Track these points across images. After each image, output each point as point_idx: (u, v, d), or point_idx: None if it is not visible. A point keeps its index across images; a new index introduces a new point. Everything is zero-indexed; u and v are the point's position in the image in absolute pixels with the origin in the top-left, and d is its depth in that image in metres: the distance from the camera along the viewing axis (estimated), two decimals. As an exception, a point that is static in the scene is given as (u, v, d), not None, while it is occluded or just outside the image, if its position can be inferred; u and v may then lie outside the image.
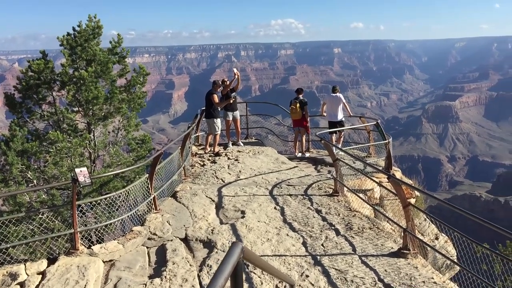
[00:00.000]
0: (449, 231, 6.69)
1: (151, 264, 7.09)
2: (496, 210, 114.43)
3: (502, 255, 6.25)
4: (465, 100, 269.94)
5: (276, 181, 11.19)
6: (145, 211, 8.87)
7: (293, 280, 6.07)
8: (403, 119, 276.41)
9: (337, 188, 10.06)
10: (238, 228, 8.11)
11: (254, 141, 16.55)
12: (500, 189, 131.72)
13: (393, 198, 10.03)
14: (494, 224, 5.42)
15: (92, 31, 11.21)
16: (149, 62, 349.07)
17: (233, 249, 2.39)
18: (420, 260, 6.94)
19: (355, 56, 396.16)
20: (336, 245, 7.35)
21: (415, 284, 6.08)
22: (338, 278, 6.27)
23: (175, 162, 10.60)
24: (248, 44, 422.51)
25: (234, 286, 2.50)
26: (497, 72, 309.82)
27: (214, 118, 13.70)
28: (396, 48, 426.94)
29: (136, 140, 12.23)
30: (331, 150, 10.40)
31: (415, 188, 8.27)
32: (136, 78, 11.91)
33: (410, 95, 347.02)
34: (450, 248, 10.40)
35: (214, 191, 10.32)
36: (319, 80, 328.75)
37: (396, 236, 7.96)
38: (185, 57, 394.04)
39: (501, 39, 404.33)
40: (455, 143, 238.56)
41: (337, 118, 14.29)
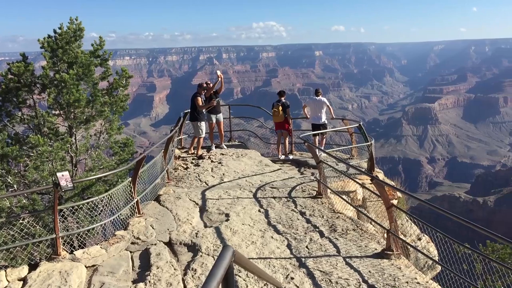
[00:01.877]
0: (431, 231, 6.79)
1: (134, 269, 7.02)
2: (475, 210, 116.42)
3: (483, 255, 6.37)
4: (444, 102, 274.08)
5: (260, 183, 11.21)
6: (128, 215, 8.79)
7: (280, 283, 6.08)
8: (384, 121, 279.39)
9: (320, 190, 10.12)
10: (223, 231, 8.09)
11: (237, 143, 16.55)
12: (479, 190, 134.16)
13: (375, 200, 10.13)
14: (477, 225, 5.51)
15: (73, 33, 11.07)
16: (130, 64, 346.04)
17: (225, 253, 2.39)
18: (403, 260, 7.02)
19: (336, 58, 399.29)
20: (321, 247, 7.39)
21: (399, 285, 6.15)
22: (323, 280, 6.30)
23: (158, 165, 10.53)
24: (230, 47, 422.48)
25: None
26: (475, 74, 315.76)
27: (198, 121, 13.66)
28: (376, 51, 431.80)
29: (118, 144, 12.10)
30: (315, 152, 10.46)
31: (398, 189, 8.37)
32: (119, 80, 11.79)
33: (390, 98, 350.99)
34: (432, 248, 10.54)
35: (198, 194, 10.28)
36: (301, 82, 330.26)
37: (379, 237, 8.04)
38: (167, 59, 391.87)
39: (479, 42, 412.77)
40: (435, 145, 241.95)
41: (320, 120, 14.38)
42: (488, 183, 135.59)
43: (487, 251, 14.55)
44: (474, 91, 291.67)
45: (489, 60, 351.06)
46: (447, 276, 6.36)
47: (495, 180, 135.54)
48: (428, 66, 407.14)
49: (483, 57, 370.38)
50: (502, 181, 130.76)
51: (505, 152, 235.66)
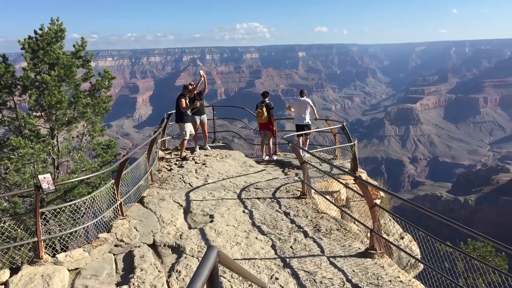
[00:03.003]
0: (413, 230, 6.87)
1: (118, 271, 6.97)
2: (456, 209, 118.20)
3: (465, 253, 6.47)
4: (426, 102, 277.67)
5: (244, 184, 11.22)
6: (111, 218, 8.71)
7: (265, 283, 6.10)
8: (367, 121, 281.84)
9: (304, 191, 10.17)
10: (207, 232, 8.08)
11: (221, 144, 16.53)
12: (460, 189, 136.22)
13: (359, 200, 10.22)
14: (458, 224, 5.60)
15: (54, 34, 10.94)
16: (113, 65, 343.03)
17: (209, 253, 2.39)
18: (387, 259, 7.09)
19: (320, 59, 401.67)
20: (305, 247, 7.43)
21: (382, 284, 6.21)
22: (307, 280, 6.34)
23: (142, 167, 10.46)
24: (214, 48, 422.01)
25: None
26: (455, 75, 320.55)
27: (182, 123, 13.58)
28: (359, 52, 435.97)
29: (101, 146, 11.99)
30: (299, 153, 10.50)
31: (381, 189, 8.45)
32: (101, 82, 11.69)
33: (373, 98, 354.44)
34: (415, 247, 10.66)
35: (182, 196, 10.25)
36: (284, 83, 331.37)
37: (363, 236, 8.11)
38: (150, 60, 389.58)
39: (459, 44, 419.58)
40: (417, 145, 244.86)
41: (304, 121, 14.44)
42: (469, 182, 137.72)
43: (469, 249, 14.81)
44: (454, 91, 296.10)
45: (469, 61, 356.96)
46: (430, 274, 6.45)
47: (475, 179, 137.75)
48: (410, 67, 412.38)
49: (463, 58, 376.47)
50: (482, 180, 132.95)
51: (485, 152, 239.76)
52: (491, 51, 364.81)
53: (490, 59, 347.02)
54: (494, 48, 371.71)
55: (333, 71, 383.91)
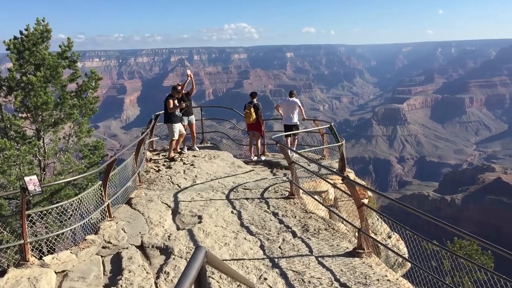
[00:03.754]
0: (401, 229, 6.94)
1: (106, 273, 6.92)
2: (443, 208, 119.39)
3: (451, 251, 6.54)
4: (413, 102, 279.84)
5: (233, 185, 11.21)
6: (98, 219, 8.66)
7: (253, 283, 6.11)
8: (354, 121, 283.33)
9: (293, 191, 10.19)
10: (196, 233, 8.06)
11: (209, 145, 16.50)
12: (446, 188, 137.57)
13: (347, 199, 10.27)
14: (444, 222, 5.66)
15: (40, 34, 10.85)
16: (100, 66, 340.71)
17: (197, 254, 2.39)
18: (374, 258, 7.14)
19: (307, 60, 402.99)
20: (293, 247, 7.45)
21: (370, 283, 6.26)
22: (296, 280, 6.36)
23: (129, 168, 10.41)
24: (201, 48, 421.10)
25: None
26: (441, 75, 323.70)
27: (171, 123, 13.52)
28: (346, 52, 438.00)
29: (88, 147, 11.93)
30: (287, 153, 10.53)
31: (369, 189, 8.51)
32: (88, 83, 11.62)
33: (360, 98, 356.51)
34: (402, 246, 10.75)
35: (170, 197, 10.21)
36: (272, 84, 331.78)
37: (351, 236, 8.16)
38: (137, 61, 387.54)
39: (445, 44, 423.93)
40: (404, 145, 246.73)
41: (292, 121, 14.49)
42: (456, 182, 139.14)
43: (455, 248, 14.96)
44: (441, 91, 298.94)
45: (455, 62, 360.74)
46: (417, 272, 6.51)
47: (462, 179, 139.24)
48: (397, 67, 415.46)
49: (449, 59, 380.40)
50: (468, 179, 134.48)
51: (471, 151, 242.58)
52: (476, 52, 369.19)
53: (475, 59, 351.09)
54: (480, 49, 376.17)
55: (321, 72, 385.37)
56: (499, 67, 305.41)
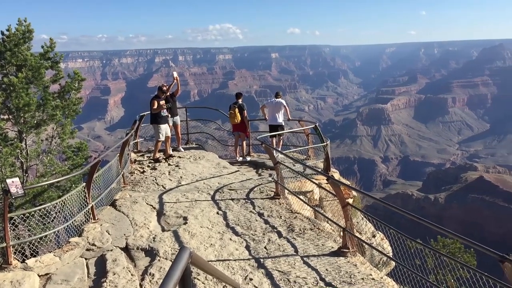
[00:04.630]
0: (385, 228, 7.00)
1: (90, 276, 6.85)
2: (426, 207, 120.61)
3: (434, 249, 6.62)
4: (396, 103, 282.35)
5: (218, 186, 11.20)
6: (82, 221, 8.58)
7: (239, 284, 6.11)
8: (339, 122, 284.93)
9: (278, 191, 10.22)
10: (181, 234, 8.04)
11: (194, 146, 16.44)
12: (430, 187, 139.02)
13: (332, 199, 10.32)
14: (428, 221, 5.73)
15: (22, 35, 10.70)
16: (83, 67, 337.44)
17: (182, 254, 2.39)
18: (359, 258, 7.20)
19: (292, 60, 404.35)
20: (279, 247, 7.47)
21: (355, 281, 6.30)
22: (281, 280, 6.37)
23: (114, 169, 10.32)
24: (186, 49, 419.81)
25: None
26: (424, 76, 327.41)
27: (157, 124, 13.45)
28: (331, 53, 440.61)
29: (71, 148, 11.80)
30: (272, 154, 10.55)
31: (353, 189, 8.56)
32: (71, 83, 11.50)
33: (345, 99, 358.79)
34: (386, 245, 10.85)
35: (155, 198, 10.16)
36: (257, 84, 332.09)
37: (336, 235, 8.21)
38: (121, 62, 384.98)
39: (428, 45, 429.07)
40: (388, 144, 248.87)
41: (277, 121, 14.53)
42: (439, 181, 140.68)
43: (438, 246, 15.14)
44: (424, 91, 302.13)
45: (437, 62, 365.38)
46: (401, 271, 6.57)
47: (445, 178, 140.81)
48: (381, 67, 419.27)
49: (432, 59, 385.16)
50: (451, 178, 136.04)
51: (454, 151, 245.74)
52: (458, 52, 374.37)
53: (457, 60, 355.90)
54: (462, 49, 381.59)
55: (306, 72, 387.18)
56: (480, 68, 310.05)
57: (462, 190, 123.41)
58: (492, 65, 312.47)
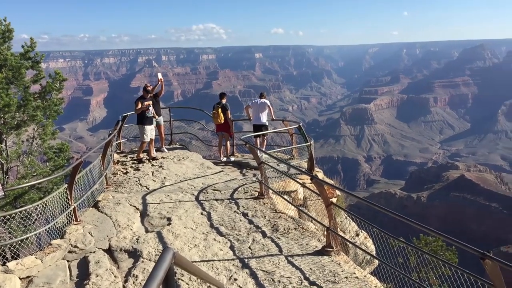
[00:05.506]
0: (368, 227, 7.06)
1: (72, 278, 6.78)
2: (409, 205, 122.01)
3: (417, 247, 6.69)
4: (379, 102, 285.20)
5: (202, 186, 11.16)
6: (64, 223, 8.47)
7: (223, 284, 6.10)
8: (323, 121, 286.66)
9: (262, 191, 10.22)
10: (165, 235, 7.99)
11: (178, 146, 16.36)
12: (413, 186, 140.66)
13: (316, 198, 10.37)
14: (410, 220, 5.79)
15: (2, 34, 10.54)
16: (65, 67, 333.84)
17: (165, 255, 2.37)
18: (343, 256, 7.25)
19: (276, 61, 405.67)
20: (263, 247, 7.47)
21: (339, 280, 6.34)
22: (266, 279, 6.38)
23: (96, 170, 10.21)
24: (169, 49, 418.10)
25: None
26: (407, 76, 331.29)
27: (141, 125, 13.36)
28: (314, 53, 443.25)
29: (53, 149, 11.65)
30: (256, 154, 10.56)
31: (337, 188, 8.62)
32: (52, 84, 11.35)
33: (329, 99, 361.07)
34: (370, 243, 10.94)
35: (139, 199, 10.08)
36: (241, 84, 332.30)
37: (320, 235, 8.25)
38: (103, 62, 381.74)
39: (410, 45, 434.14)
40: (371, 144, 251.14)
41: (261, 121, 14.55)
42: (421, 180, 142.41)
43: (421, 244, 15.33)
44: (406, 91, 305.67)
45: (419, 62, 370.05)
46: (384, 269, 6.64)
47: (427, 177, 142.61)
48: (364, 68, 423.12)
49: (414, 59, 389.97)
50: (433, 177, 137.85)
51: (436, 150, 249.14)
52: (440, 53, 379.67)
53: (439, 60, 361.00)
54: (443, 50, 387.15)
55: (290, 72, 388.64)
56: (461, 68, 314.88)
57: (444, 189, 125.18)
58: (472, 65, 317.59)
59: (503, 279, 4.72)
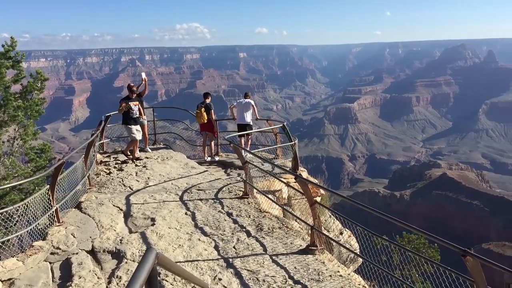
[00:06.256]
0: (352, 226, 7.13)
1: (55, 280, 6.70)
2: (393, 204, 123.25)
3: (400, 245, 6.78)
4: (363, 102, 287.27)
5: (186, 186, 11.12)
6: (46, 225, 8.37)
7: (207, 284, 6.09)
8: (307, 121, 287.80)
9: (247, 191, 10.23)
10: (149, 236, 7.95)
11: (162, 146, 16.27)
12: (396, 185, 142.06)
13: (300, 198, 10.41)
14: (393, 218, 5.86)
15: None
16: (46, 66, 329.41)
17: (148, 255, 2.36)
18: (327, 255, 7.29)
19: (260, 60, 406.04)
20: (248, 247, 7.48)
21: (323, 279, 6.38)
22: (250, 279, 6.39)
23: (79, 171, 10.11)
24: (153, 48, 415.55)
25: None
26: (390, 75, 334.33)
27: (126, 125, 13.30)
28: (298, 52, 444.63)
29: (34, 150, 11.50)
30: (241, 153, 10.56)
31: (321, 187, 8.68)
32: (33, 83, 11.20)
33: (313, 98, 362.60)
34: (354, 242, 11.02)
35: (122, 200, 10.00)
36: (226, 84, 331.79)
37: (304, 233, 8.29)
38: (86, 61, 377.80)
39: (393, 45, 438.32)
40: (355, 143, 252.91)
41: (245, 120, 14.56)
42: (404, 178, 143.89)
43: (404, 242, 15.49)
44: (389, 91, 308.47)
45: (402, 62, 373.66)
46: (368, 267, 6.70)
47: (410, 175, 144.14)
48: (347, 67, 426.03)
49: (397, 59, 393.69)
50: (416, 175, 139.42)
51: (419, 148, 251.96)
52: (422, 52, 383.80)
53: (421, 59, 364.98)
54: (425, 49, 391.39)
55: (274, 72, 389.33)
56: (443, 67, 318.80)
57: (426, 187, 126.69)
58: (454, 65, 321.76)
59: (484, 275, 4.80)
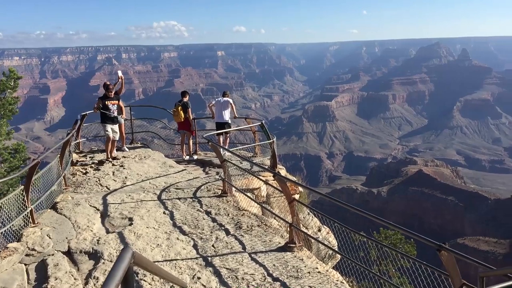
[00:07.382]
0: (330, 222, 7.19)
1: (30, 282, 6.58)
2: (370, 200, 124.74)
3: (377, 241, 6.86)
4: (340, 100, 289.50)
5: (164, 185, 11.05)
6: (21, 226, 8.22)
7: (186, 283, 6.06)
8: (286, 119, 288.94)
9: (225, 189, 10.23)
10: (126, 236, 7.87)
11: (139, 145, 16.12)
12: (373, 182, 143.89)
13: (278, 195, 10.46)
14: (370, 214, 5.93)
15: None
16: (20, 65, 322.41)
17: (123, 255, 2.34)
18: (305, 252, 7.34)
19: (239, 58, 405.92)
20: (227, 245, 7.48)
21: (302, 275, 6.42)
22: (229, 277, 6.39)
23: (54, 171, 9.95)
24: (130, 47, 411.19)
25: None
26: (366, 73, 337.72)
27: (103, 123, 13.17)
28: (276, 51, 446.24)
29: (8, 150, 11.26)
30: (219, 152, 10.54)
31: (299, 184, 8.73)
32: (6, 82, 10.97)
33: (291, 96, 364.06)
34: (332, 238, 11.12)
35: (99, 200, 9.88)
36: (204, 82, 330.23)
37: (283, 231, 8.33)
38: (61, 59, 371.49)
39: (369, 43, 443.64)
40: (333, 141, 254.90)
41: (224, 119, 14.55)
42: (381, 175, 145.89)
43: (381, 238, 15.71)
44: (366, 89, 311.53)
45: (378, 60, 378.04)
46: (346, 263, 6.77)
47: (387, 172, 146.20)
48: (325, 65, 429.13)
49: (374, 57, 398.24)
50: (393, 172, 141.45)
51: (395, 145, 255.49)
52: (398, 51, 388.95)
53: (397, 58, 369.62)
54: (401, 48, 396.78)
55: (252, 70, 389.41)
56: (418, 65, 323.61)
57: (403, 184, 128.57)
58: (429, 63, 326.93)
59: (458, 269, 4.90)
